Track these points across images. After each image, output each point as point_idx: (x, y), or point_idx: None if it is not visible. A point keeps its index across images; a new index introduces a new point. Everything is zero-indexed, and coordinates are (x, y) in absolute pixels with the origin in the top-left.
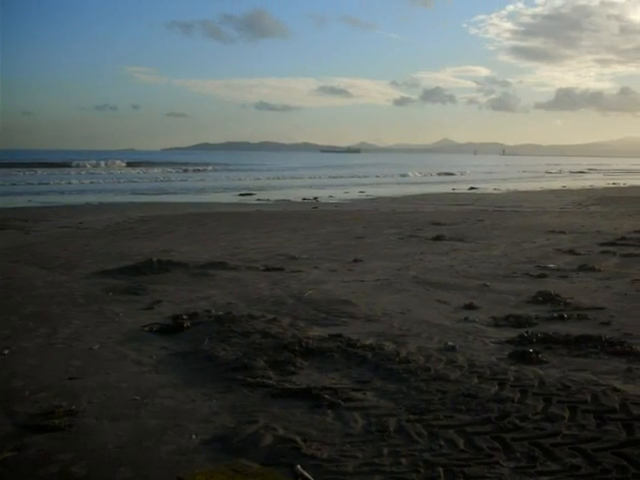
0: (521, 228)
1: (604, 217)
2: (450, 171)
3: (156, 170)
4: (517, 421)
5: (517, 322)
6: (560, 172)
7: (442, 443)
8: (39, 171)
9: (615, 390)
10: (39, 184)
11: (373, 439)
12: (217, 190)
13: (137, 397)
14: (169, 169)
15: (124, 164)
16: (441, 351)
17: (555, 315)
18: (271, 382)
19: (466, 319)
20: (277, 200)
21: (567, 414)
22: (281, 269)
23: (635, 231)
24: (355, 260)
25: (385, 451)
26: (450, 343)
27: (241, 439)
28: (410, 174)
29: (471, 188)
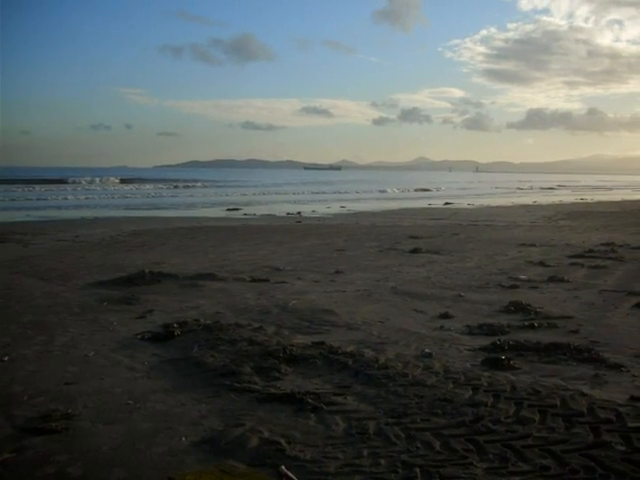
0: (494, 241)
1: (573, 231)
2: (426, 187)
3: (148, 186)
4: (490, 424)
5: (490, 330)
6: (531, 188)
7: (419, 445)
8: (37, 187)
9: (583, 395)
10: (37, 200)
11: (354, 441)
12: (206, 205)
13: (130, 401)
14: (160, 185)
15: (118, 180)
16: (418, 358)
17: (526, 324)
18: (257, 387)
19: (442, 327)
20: (262, 215)
21: (537, 417)
22: (266, 280)
23: (602, 244)
24: (337, 271)
25: (365, 452)
26: (427, 350)
27: (229, 441)
28: (389, 190)
29: (446, 203)
